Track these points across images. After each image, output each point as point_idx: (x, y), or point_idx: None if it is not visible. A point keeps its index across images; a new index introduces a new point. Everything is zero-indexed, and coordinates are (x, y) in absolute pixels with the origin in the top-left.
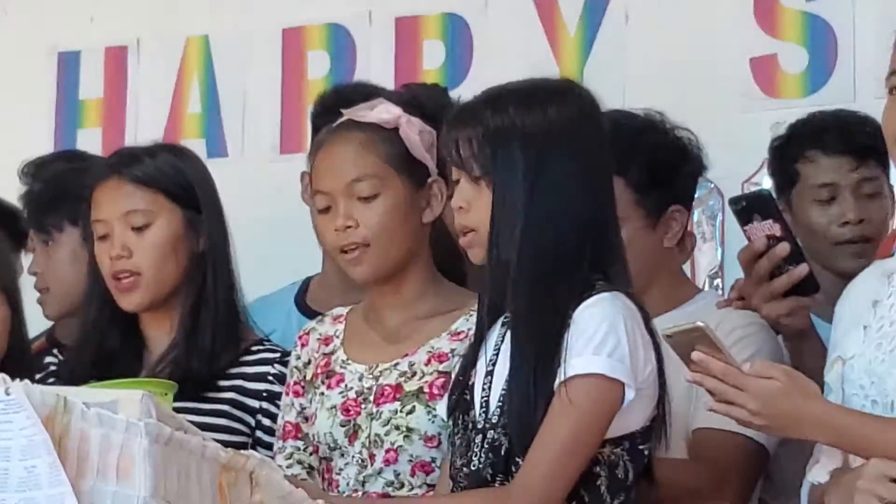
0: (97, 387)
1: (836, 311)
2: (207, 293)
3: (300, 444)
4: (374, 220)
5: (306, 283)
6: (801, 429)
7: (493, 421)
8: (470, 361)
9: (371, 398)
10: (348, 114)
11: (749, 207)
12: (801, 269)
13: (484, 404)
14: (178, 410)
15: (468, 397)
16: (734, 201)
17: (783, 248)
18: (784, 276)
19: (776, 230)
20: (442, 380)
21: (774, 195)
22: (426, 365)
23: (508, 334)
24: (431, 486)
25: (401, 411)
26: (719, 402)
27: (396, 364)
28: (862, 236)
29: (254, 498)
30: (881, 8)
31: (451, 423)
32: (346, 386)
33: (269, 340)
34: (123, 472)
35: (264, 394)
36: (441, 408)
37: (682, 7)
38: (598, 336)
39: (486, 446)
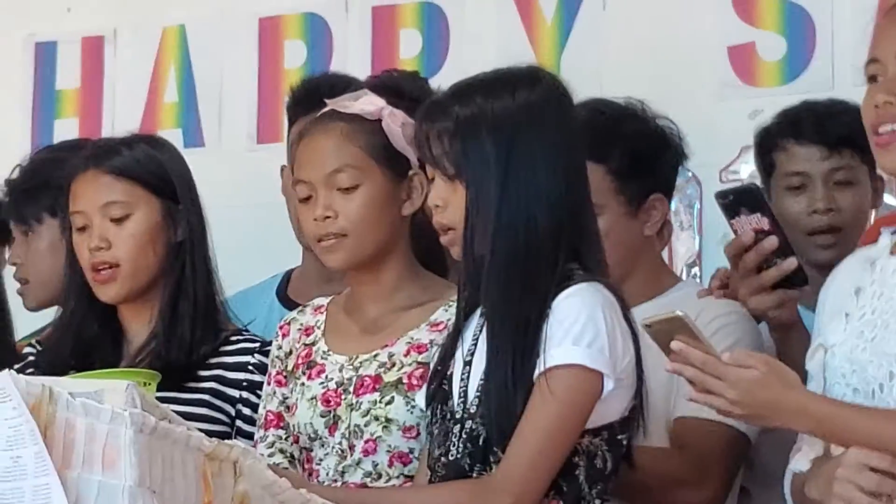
0: (81, 377)
1: (820, 299)
2: (186, 283)
3: (282, 433)
4: (353, 212)
5: (287, 276)
6: (780, 418)
7: (472, 411)
8: (448, 351)
9: (351, 389)
10: (331, 104)
11: (736, 201)
12: (790, 262)
13: (462, 394)
14: (158, 401)
15: (446, 387)
16: (721, 195)
17: (771, 242)
18: (773, 269)
19: (764, 224)
20: (421, 370)
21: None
22: (405, 356)
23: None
24: (409, 478)
25: (380, 402)
26: (699, 392)
27: (376, 355)
28: (831, 226)
29: (238, 487)
30: None
31: (428, 413)
32: (326, 377)
33: (248, 331)
34: (109, 461)
35: (244, 383)
36: (420, 398)
37: None
38: (578, 326)
39: (464, 436)
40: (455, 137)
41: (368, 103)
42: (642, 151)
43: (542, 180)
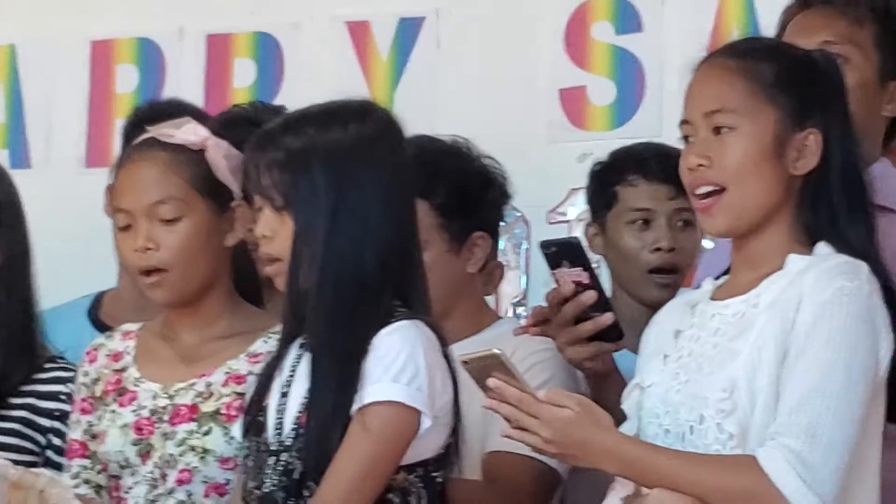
0: None
1: (642, 339)
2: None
3: (87, 462)
4: (175, 244)
5: (98, 298)
6: (591, 458)
7: (287, 444)
8: (265, 382)
9: (166, 417)
10: (153, 132)
11: (559, 253)
12: (606, 318)
13: (278, 426)
14: None
15: (262, 419)
16: (545, 245)
17: (589, 296)
18: (589, 323)
19: (584, 278)
20: (239, 401)
21: (589, 218)
22: (223, 386)
23: (305, 356)
24: None
25: (197, 432)
26: (514, 429)
27: (193, 384)
28: (672, 265)
29: None
30: (687, 44)
31: (245, 444)
32: (139, 404)
33: (63, 358)
34: None
35: (56, 413)
36: (236, 429)
37: (494, 36)
38: (398, 364)
39: (278, 469)
40: (285, 169)
41: (191, 133)
42: (466, 189)
43: (371, 215)
